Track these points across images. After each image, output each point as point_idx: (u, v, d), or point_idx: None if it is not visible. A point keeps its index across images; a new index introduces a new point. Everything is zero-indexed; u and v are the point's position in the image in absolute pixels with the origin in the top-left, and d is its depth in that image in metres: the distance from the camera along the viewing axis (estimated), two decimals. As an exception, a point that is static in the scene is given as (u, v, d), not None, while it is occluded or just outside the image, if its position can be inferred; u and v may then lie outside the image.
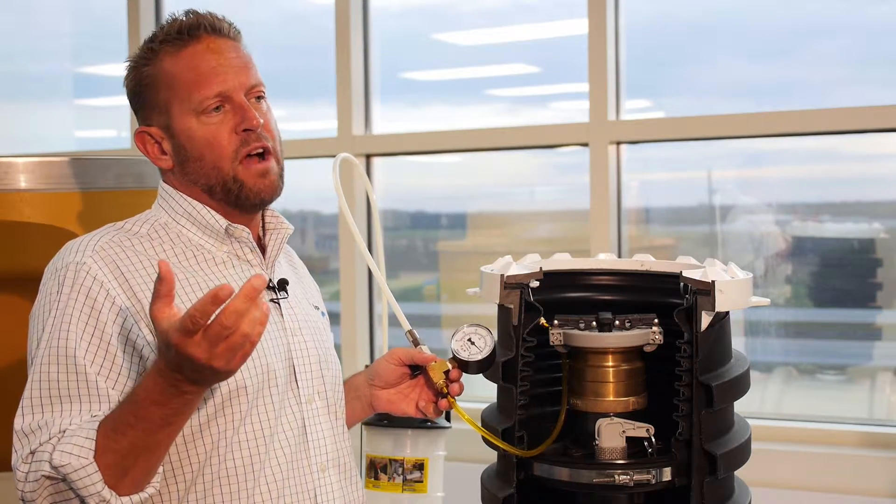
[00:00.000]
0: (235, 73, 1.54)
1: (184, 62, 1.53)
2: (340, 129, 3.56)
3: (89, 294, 1.44)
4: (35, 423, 1.39)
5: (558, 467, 1.50)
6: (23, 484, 1.35)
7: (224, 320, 1.20)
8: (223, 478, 1.47)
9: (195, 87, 1.52)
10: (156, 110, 1.56)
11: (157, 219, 1.59)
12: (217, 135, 1.53)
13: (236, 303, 1.20)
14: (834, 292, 3.24)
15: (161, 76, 1.54)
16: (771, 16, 3.23)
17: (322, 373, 1.63)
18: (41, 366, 1.42)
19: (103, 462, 1.31)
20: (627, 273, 1.70)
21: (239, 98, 1.54)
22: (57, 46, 4.67)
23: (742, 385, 1.52)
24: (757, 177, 3.39)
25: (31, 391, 1.41)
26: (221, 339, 1.21)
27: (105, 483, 1.31)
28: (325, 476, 1.59)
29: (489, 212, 3.88)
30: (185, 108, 1.53)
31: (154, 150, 1.57)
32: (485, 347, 1.58)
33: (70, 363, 1.41)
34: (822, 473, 2.84)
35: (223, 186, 1.55)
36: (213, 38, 1.55)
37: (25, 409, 1.40)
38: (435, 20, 3.81)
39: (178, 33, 1.54)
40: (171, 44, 1.54)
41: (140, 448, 1.32)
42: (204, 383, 1.30)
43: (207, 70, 1.53)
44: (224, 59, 1.54)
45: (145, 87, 1.56)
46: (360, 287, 3.50)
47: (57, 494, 1.34)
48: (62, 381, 1.40)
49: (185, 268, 1.54)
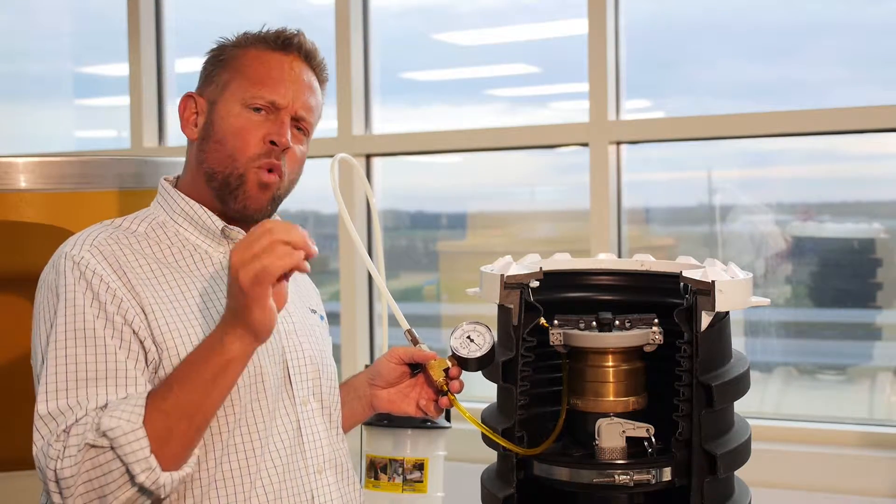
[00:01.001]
0: (295, 95, 1.59)
1: (263, 60, 1.59)
2: (340, 129, 3.56)
3: (90, 285, 1.44)
4: (65, 404, 1.36)
5: (558, 467, 1.50)
6: (56, 462, 1.31)
7: (257, 229, 1.31)
8: (219, 481, 1.47)
9: (256, 83, 1.57)
10: (213, 84, 1.60)
11: (154, 217, 1.60)
12: (248, 130, 1.56)
13: (276, 223, 1.31)
14: (834, 292, 3.24)
15: (238, 59, 1.60)
16: (771, 16, 3.23)
17: (318, 374, 1.63)
18: (63, 348, 1.39)
19: (150, 428, 1.31)
20: (627, 273, 1.70)
21: (284, 117, 1.58)
22: (57, 46, 4.67)
23: (742, 385, 1.52)
24: (757, 177, 3.39)
25: (57, 374, 1.38)
26: (258, 238, 1.29)
27: (152, 451, 1.30)
28: (322, 477, 1.59)
29: (489, 212, 3.88)
30: (237, 95, 1.57)
31: (190, 116, 1.62)
32: (484, 345, 1.58)
33: (91, 342, 1.40)
34: (822, 473, 2.84)
35: (225, 177, 1.56)
36: (300, 60, 1.62)
37: (50, 393, 1.37)
38: (435, 20, 3.81)
39: (275, 39, 1.61)
40: (264, 42, 1.61)
41: (182, 411, 1.33)
42: (238, 322, 1.32)
43: (277, 78, 1.58)
44: (295, 79, 1.60)
45: (220, 61, 1.62)
46: (359, 287, 3.50)
47: (97, 469, 1.31)
48: (90, 363, 1.39)
49: (181, 267, 1.54)
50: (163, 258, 1.54)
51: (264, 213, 1.60)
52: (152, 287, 1.48)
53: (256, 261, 1.29)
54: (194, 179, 1.60)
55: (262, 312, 1.31)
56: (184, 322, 1.48)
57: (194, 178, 1.60)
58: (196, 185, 1.60)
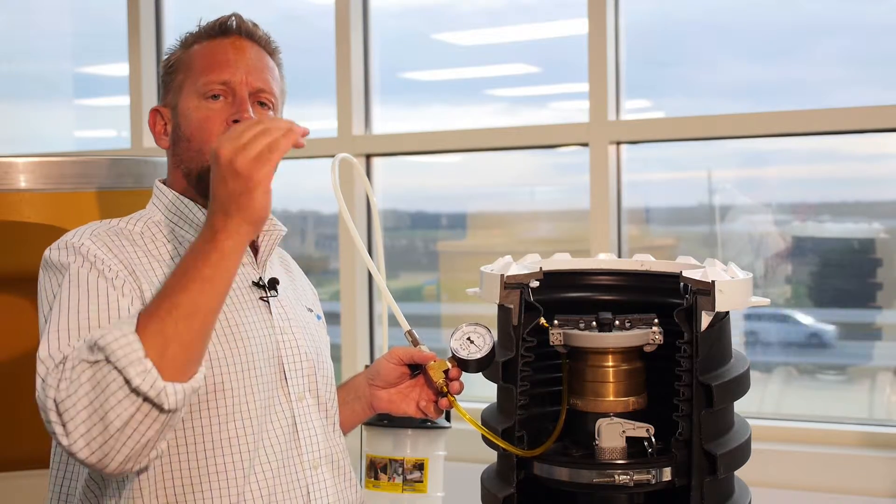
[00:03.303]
0: (247, 71, 1.59)
1: (206, 50, 1.61)
2: (340, 129, 3.56)
3: (94, 265, 1.44)
4: (66, 344, 1.33)
5: (558, 467, 1.50)
6: (55, 389, 1.26)
7: (241, 123, 1.34)
8: (213, 475, 1.47)
9: (206, 71, 1.58)
10: (172, 91, 1.62)
11: (150, 217, 1.60)
12: (210, 119, 1.57)
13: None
14: (834, 292, 3.24)
15: (184, 60, 1.62)
16: (771, 16, 3.23)
17: (314, 370, 1.63)
18: (67, 300, 1.38)
19: (144, 333, 1.26)
20: (627, 273, 1.70)
21: (241, 93, 1.58)
22: (57, 46, 4.67)
23: (742, 385, 1.52)
24: (757, 177, 3.39)
25: (59, 321, 1.36)
26: (248, 128, 1.30)
27: (147, 355, 1.25)
28: (318, 473, 1.59)
29: (489, 212, 3.88)
30: (192, 90, 1.58)
31: (160, 128, 1.64)
32: (484, 346, 1.58)
33: (94, 296, 1.39)
34: (822, 473, 2.84)
35: (199, 172, 1.57)
36: (241, 38, 1.62)
37: (52, 337, 1.34)
38: (435, 20, 3.81)
39: (213, 28, 1.63)
40: (205, 35, 1.63)
41: (179, 312, 1.27)
42: (233, 213, 1.30)
43: (222, 60, 1.59)
44: (242, 56, 1.60)
45: (171, 67, 1.64)
46: (359, 287, 3.50)
47: (95, 387, 1.24)
48: (92, 310, 1.38)
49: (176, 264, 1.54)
50: (159, 256, 1.54)
51: None
52: (150, 280, 1.49)
53: (255, 142, 1.29)
54: (178, 182, 1.62)
55: (264, 197, 1.30)
56: None
57: (178, 181, 1.62)
58: (181, 186, 1.62)
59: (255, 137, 1.30)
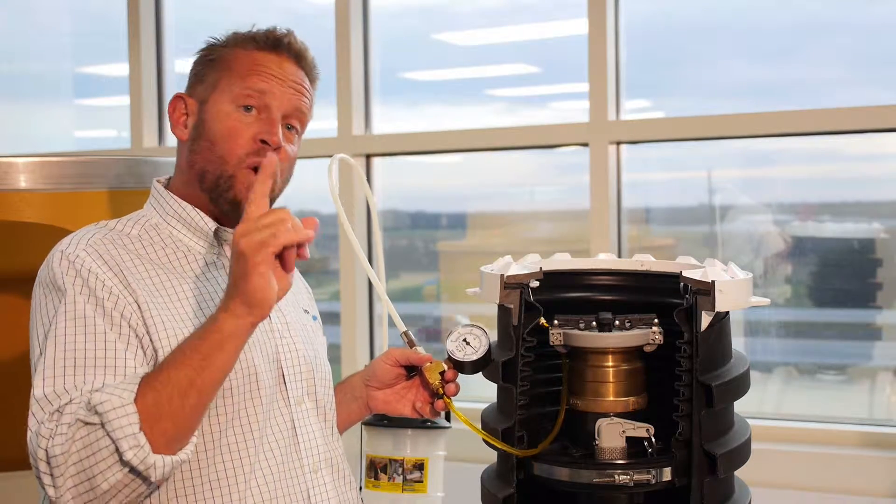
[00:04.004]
0: (285, 93, 1.58)
1: (253, 59, 1.59)
2: (340, 130, 3.56)
3: (86, 283, 1.44)
4: (61, 387, 1.35)
5: (558, 467, 1.50)
6: (48, 440, 1.29)
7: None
8: (213, 481, 1.47)
9: (245, 78, 1.56)
10: (204, 84, 1.60)
11: (147, 219, 1.60)
12: (239, 131, 1.55)
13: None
14: (834, 292, 3.24)
15: (228, 58, 1.59)
16: (771, 16, 3.23)
17: (312, 374, 1.63)
18: (63, 336, 1.39)
19: (142, 404, 1.29)
20: (627, 273, 1.69)
21: (275, 114, 1.57)
22: (57, 46, 4.67)
23: (742, 385, 1.52)
24: (757, 177, 3.39)
25: (55, 359, 1.37)
26: (266, 216, 1.32)
27: (141, 429, 1.28)
28: (318, 477, 1.59)
29: (489, 212, 3.88)
30: (227, 94, 1.57)
31: (180, 117, 1.61)
32: (480, 347, 1.58)
33: (90, 331, 1.40)
34: (822, 473, 2.84)
35: (216, 178, 1.56)
36: (290, 60, 1.61)
37: (47, 378, 1.36)
38: (434, 20, 3.81)
39: (265, 39, 1.60)
40: (254, 42, 1.60)
41: (174, 387, 1.30)
42: (234, 296, 1.31)
43: (266, 75, 1.57)
44: (285, 78, 1.59)
45: (210, 61, 1.61)
46: (359, 287, 3.50)
47: (87, 448, 1.28)
48: (88, 349, 1.38)
49: (175, 268, 1.55)
50: (157, 259, 1.54)
51: None
52: (147, 287, 1.48)
53: (264, 230, 1.30)
54: (186, 181, 1.60)
55: (260, 280, 1.30)
56: (177, 322, 1.48)
57: (186, 180, 1.60)
58: (188, 186, 1.60)
59: (267, 226, 1.31)
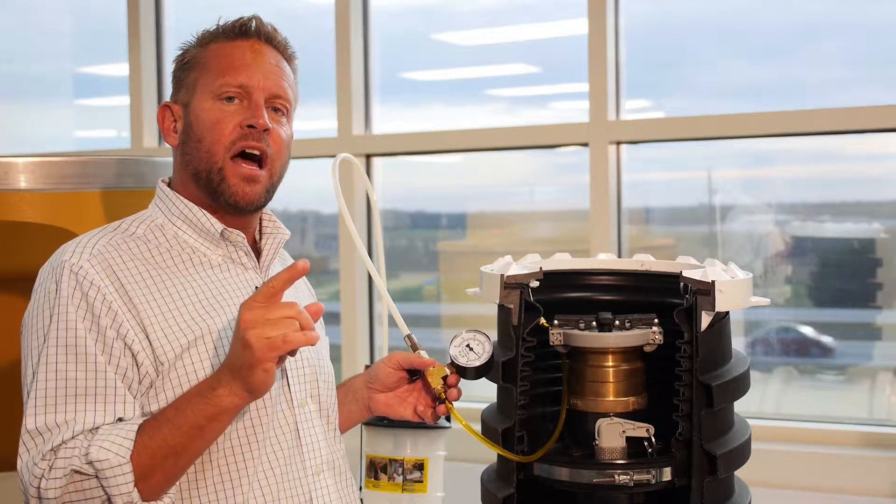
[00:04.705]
0: (264, 75, 1.58)
1: (225, 51, 1.59)
2: (340, 129, 3.56)
3: (86, 297, 1.44)
4: (52, 421, 1.38)
5: (558, 467, 1.50)
6: (41, 480, 1.34)
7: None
8: (217, 483, 1.48)
9: (223, 73, 1.57)
10: (184, 88, 1.61)
11: (153, 220, 1.59)
12: (223, 121, 1.56)
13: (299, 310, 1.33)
14: (834, 292, 3.24)
15: (202, 57, 1.60)
16: (771, 16, 3.23)
17: (315, 376, 1.63)
18: (54, 363, 1.41)
19: (137, 462, 1.35)
20: (627, 273, 1.70)
21: (258, 98, 1.57)
22: (57, 46, 4.67)
23: (742, 385, 1.52)
24: (757, 177, 3.39)
25: (47, 389, 1.40)
26: (278, 308, 1.32)
27: (135, 485, 1.34)
28: (321, 479, 1.59)
29: (489, 212, 3.88)
30: (207, 91, 1.57)
31: (169, 125, 1.62)
32: (483, 353, 1.58)
33: (81, 358, 1.41)
34: (822, 473, 2.84)
35: (207, 174, 1.56)
36: (261, 42, 1.61)
37: (39, 408, 1.39)
38: (435, 20, 3.81)
39: (233, 28, 1.61)
40: (224, 35, 1.61)
41: (169, 449, 1.36)
42: (236, 377, 1.34)
43: (240, 63, 1.58)
44: (260, 60, 1.59)
45: (185, 64, 1.62)
46: (359, 287, 3.50)
47: (79, 493, 1.34)
48: (80, 379, 1.40)
49: (180, 271, 1.54)
50: (162, 262, 1.54)
51: (258, 204, 1.59)
52: (151, 295, 1.48)
53: (273, 327, 1.31)
54: (184, 182, 1.61)
55: (265, 375, 1.34)
56: (182, 328, 1.48)
57: (184, 181, 1.61)
58: (187, 187, 1.60)
59: (276, 323, 1.32)
